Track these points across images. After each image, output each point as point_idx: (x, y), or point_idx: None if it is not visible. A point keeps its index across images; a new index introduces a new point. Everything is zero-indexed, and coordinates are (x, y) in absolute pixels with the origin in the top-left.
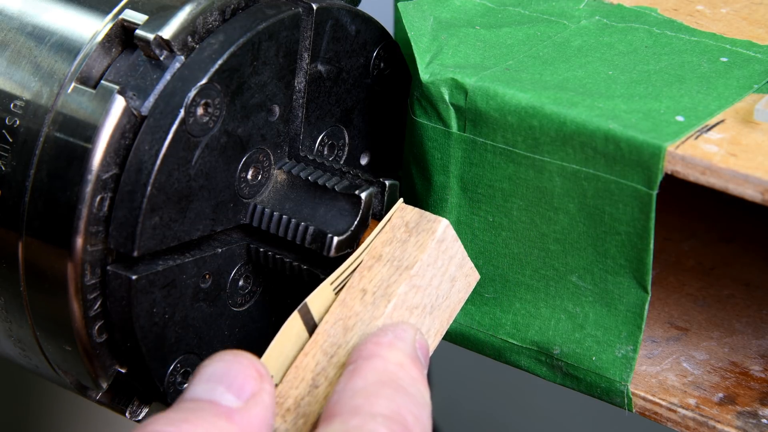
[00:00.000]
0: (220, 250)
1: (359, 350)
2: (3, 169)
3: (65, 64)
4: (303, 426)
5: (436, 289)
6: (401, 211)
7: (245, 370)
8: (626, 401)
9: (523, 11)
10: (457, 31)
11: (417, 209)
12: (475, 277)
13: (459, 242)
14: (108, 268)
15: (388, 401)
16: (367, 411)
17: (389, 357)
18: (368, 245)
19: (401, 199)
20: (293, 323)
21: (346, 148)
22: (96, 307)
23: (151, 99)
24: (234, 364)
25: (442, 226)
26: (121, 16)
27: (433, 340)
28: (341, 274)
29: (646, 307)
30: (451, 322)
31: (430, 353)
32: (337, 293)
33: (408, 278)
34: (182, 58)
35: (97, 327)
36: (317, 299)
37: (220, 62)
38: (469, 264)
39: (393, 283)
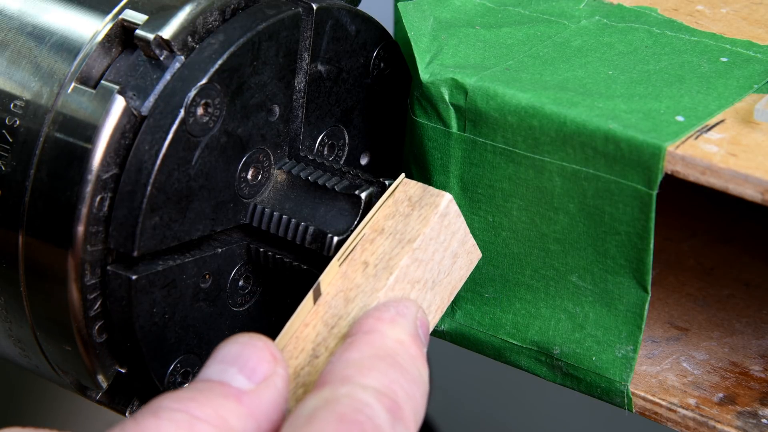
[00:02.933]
0: (220, 250)
1: (360, 324)
2: (3, 169)
3: (65, 64)
4: (302, 395)
5: (438, 264)
6: (404, 185)
7: (259, 353)
8: (626, 401)
9: (523, 11)
10: (457, 31)
11: (420, 183)
12: (477, 254)
13: (462, 218)
14: (108, 268)
15: (381, 375)
16: (358, 381)
17: (389, 333)
18: (371, 219)
19: (403, 174)
20: (306, 302)
21: (346, 148)
22: (96, 307)
23: (151, 99)
24: (248, 347)
25: (446, 200)
26: (121, 16)
27: (434, 317)
28: (346, 249)
29: (646, 307)
30: (452, 299)
31: (430, 330)
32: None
33: (410, 251)
34: (182, 58)
35: (97, 327)
36: (327, 276)
37: (220, 62)
38: (471, 241)
39: (395, 256)
